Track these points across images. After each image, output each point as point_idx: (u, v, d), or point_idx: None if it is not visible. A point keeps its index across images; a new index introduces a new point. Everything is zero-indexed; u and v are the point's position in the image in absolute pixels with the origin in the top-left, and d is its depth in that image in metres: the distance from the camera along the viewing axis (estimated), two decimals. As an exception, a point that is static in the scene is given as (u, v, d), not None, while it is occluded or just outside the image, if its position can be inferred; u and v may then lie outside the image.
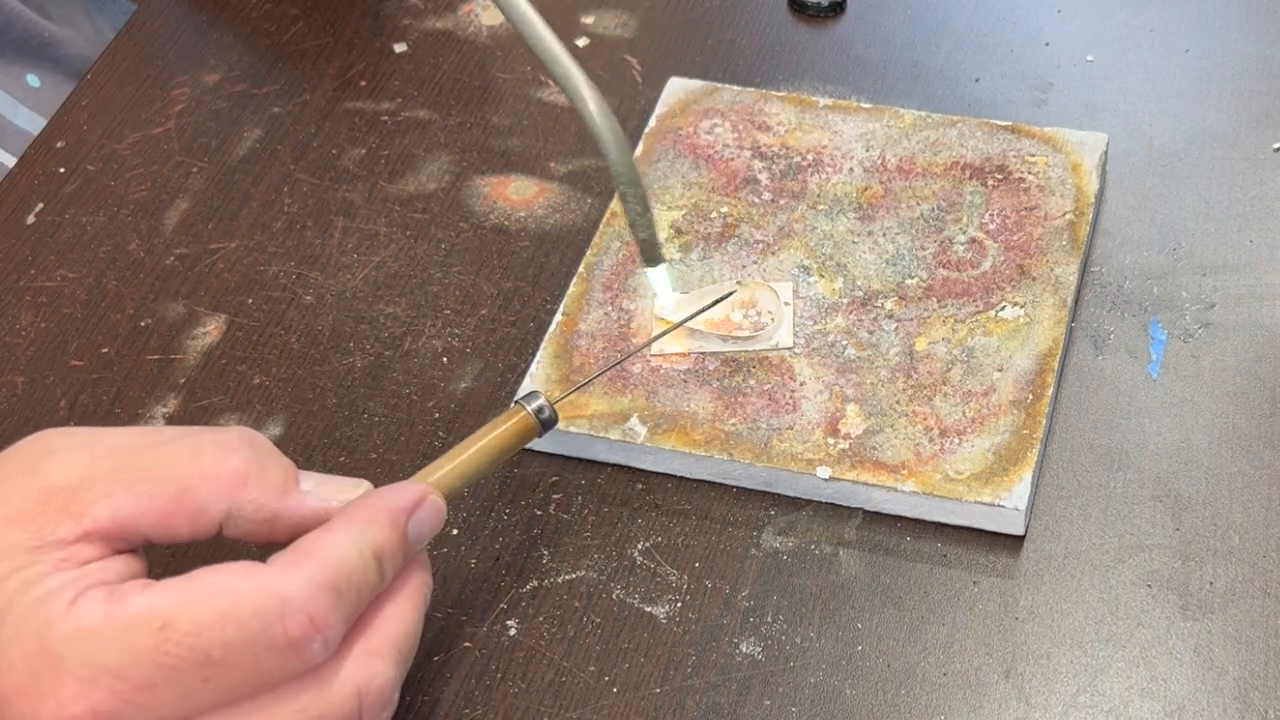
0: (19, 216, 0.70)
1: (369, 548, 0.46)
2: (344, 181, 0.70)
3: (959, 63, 0.73)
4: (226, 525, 0.47)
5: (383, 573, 0.47)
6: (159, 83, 0.76)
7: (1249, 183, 0.67)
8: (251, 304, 0.66)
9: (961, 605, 0.54)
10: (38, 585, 0.44)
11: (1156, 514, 0.56)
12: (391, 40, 0.77)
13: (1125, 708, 0.52)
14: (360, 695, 0.46)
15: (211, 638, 0.43)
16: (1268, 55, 0.72)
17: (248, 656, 0.44)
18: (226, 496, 0.46)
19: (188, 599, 0.44)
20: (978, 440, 0.57)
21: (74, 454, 0.46)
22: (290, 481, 0.48)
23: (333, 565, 0.45)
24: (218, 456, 0.46)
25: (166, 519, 0.46)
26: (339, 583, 0.45)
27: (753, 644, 0.54)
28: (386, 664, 0.47)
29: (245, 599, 0.44)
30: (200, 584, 0.44)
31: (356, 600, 0.46)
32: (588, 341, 0.61)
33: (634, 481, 0.59)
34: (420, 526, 0.49)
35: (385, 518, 0.47)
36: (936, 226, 0.64)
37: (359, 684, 0.46)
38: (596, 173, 0.70)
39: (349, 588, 0.45)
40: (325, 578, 0.45)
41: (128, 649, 0.43)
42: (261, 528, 0.47)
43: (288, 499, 0.47)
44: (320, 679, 0.46)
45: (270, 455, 0.48)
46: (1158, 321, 0.62)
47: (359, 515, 0.47)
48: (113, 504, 0.45)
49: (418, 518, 0.49)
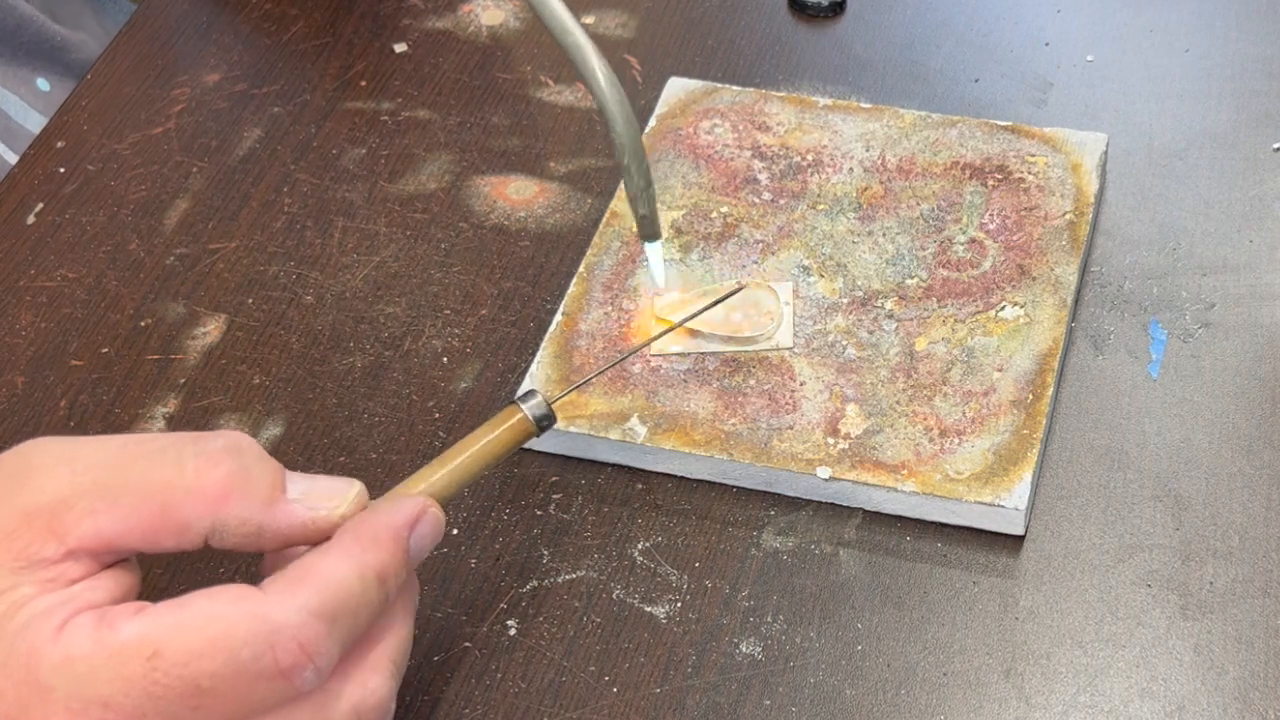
0: (19, 216, 0.70)
1: (371, 570, 0.46)
2: (344, 181, 0.70)
3: (959, 63, 0.73)
4: (212, 538, 0.46)
5: (386, 593, 0.46)
6: (159, 83, 0.76)
7: (1249, 183, 0.67)
8: (251, 304, 0.66)
9: (961, 605, 0.54)
10: (25, 608, 0.43)
11: (1156, 514, 0.56)
12: (391, 40, 0.77)
13: (1125, 708, 0.52)
14: (359, 713, 0.46)
15: (201, 667, 0.43)
16: (1268, 55, 0.72)
17: (238, 685, 0.43)
18: (210, 512, 0.45)
19: (178, 627, 0.43)
20: (978, 440, 0.57)
21: (55, 470, 0.45)
22: (276, 490, 0.46)
23: (329, 591, 0.45)
24: (200, 469, 0.45)
25: (151, 535, 0.45)
26: (334, 609, 0.44)
27: (753, 644, 0.54)
28: (383, 678, 0.47)
29: (236, 627, 0.43)
30: (191, 611, 0.43)
31: (353, 624, 0.45)
32: (588, 341, 0.61)
33: (634, 481, 0.59)
34: (421, 541, 0.48)
35: (388, 537, 0.47)
36: (936, 226, 0.64)
37: (356, 702, 0.46)
38: (596, 173, 0.70)
39: (345, 613, 0.45)
40: (319, 605, 0.44)
41: (116, 678, 0.42)
42: (248, 540, 0.46)
43: (274, 511, 0.46)
44: (317, 700, 0.45)
45: (256, 462, 0.46)
46: (1158, 321, 0.62)
47: (361, 536, 0.46)
48: (96, 522, 0.44)
49: (418, 533, 0.48)
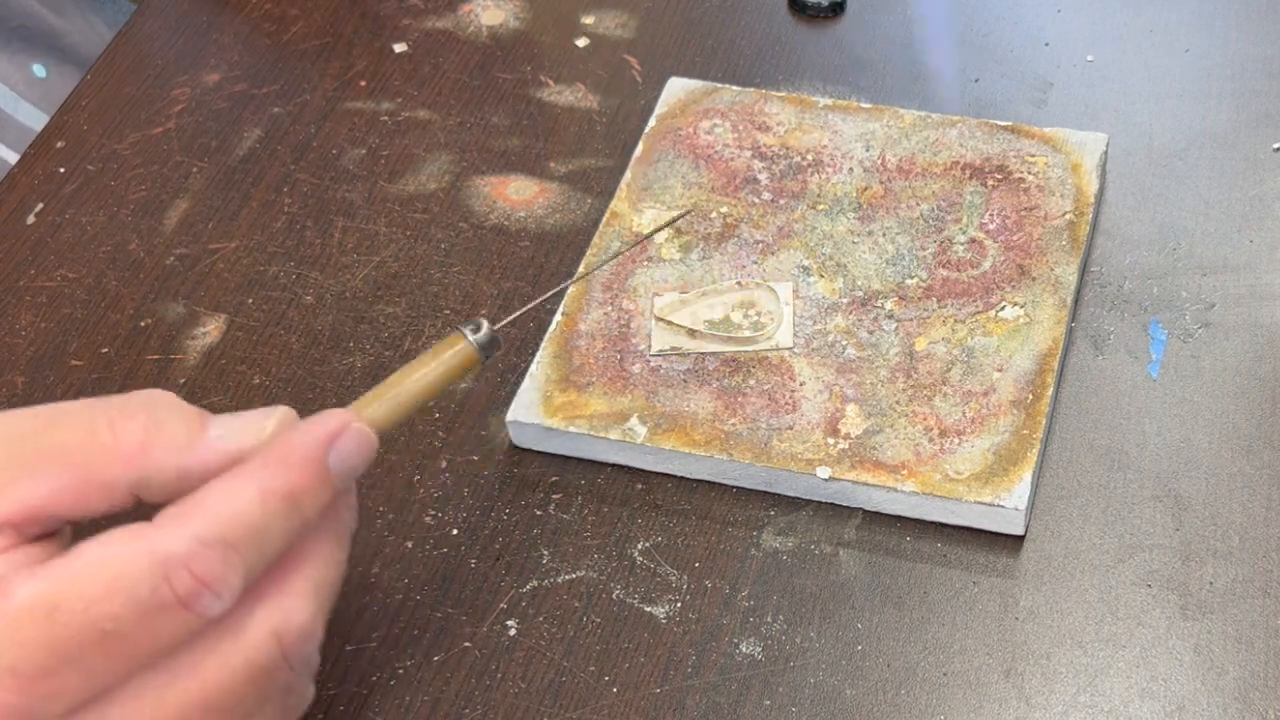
0: (19, 216, 0.70)
1: (275, 492, 0.45)
2: (344, 181, 0.70)
3: (959, 63, 0.73)
4: (142, 493, 0.45)
5: (301, 515, 0.45)
6: (159, 83, 0.76)
7: (1249, 183, 0.67)
8: (251, 304, 0.66)
9: (961, 605, 0.54)
10: None
11: (1156, 514, 0.56)
12: (391, 40, 0.77)
13: (1125, 708, 0.52)
14: (279, 635, 0.45)
15: (101, 611, 0.42)
16: (1268, 55, 0.72)
17: (142, 622, 0.43)
18: (132, 467, 0.45)
19: (72, 578, 0.43)
20: (977, 440, 0.57)
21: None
22: (196, 433, 0.46)
23: (223, 516, 0.44)
24: (115, 426, 0.45)
25: (78, 500, 0.44)
26: (230, 533, 0.43)
27: (753, 644, 0.54)
28: (303, 601, 0.46)
29: (130, 565, 0.43)
30: (84, 559, 0.43)
31: (259, 548, 0.44)
32: (588, 341, 0.61)
33: (634, 481, 0.59)
34: (345, 459, 0.46)
35: (300, 456, 0.45)
36: (936, 226, 0.64)
37: (274, 625, 0.45)
38: (596, 173, 0.70)
39: (246, 537, 0.44)
40: (210, 531, 0.43)
41: (16, 644, 0.42)
42: (178, 486, 0.45)
43: (194, 451, 0.45)
44: (232, 627, 0.44)
45: (171, 410, 0.46)
46: (1158, 321, 0.62)
47: (269, 459, 0.45)
48: (17, 492, 0.44)
49: (340, 449, 0.46)
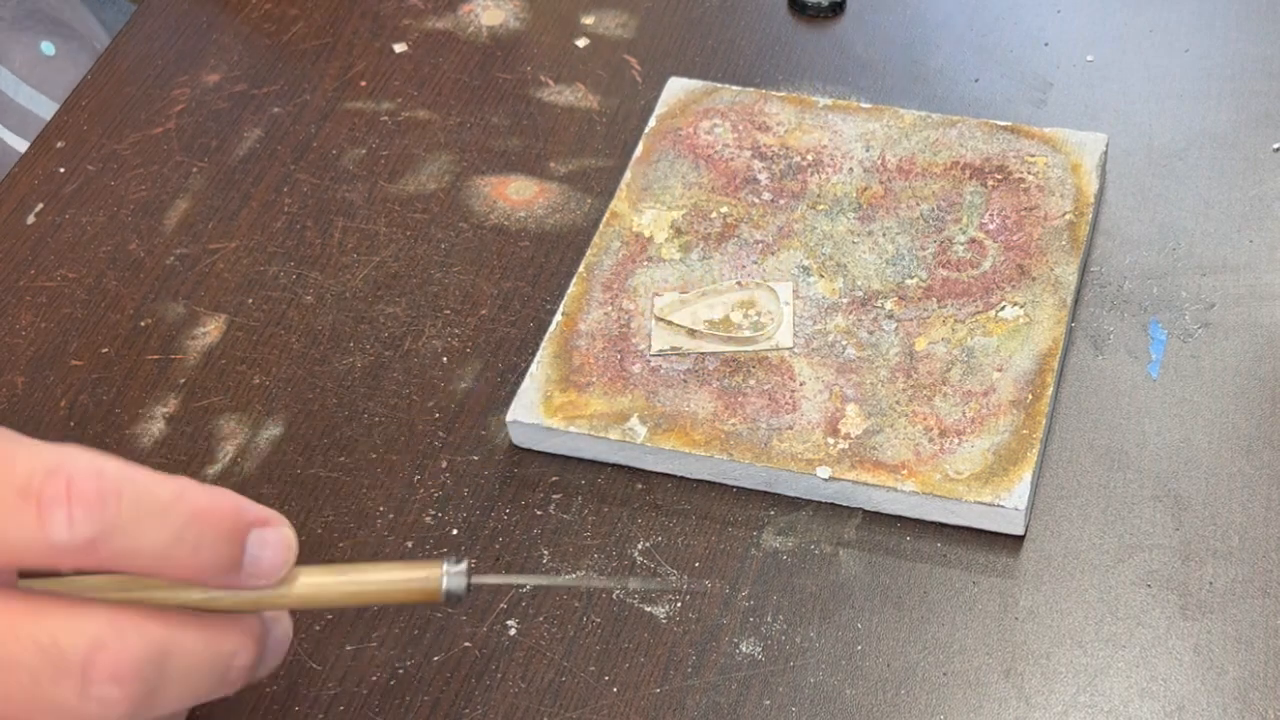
0: (19, 216, 0.70)
1: (184, 505, 0.40)
2: (344, 181, 0.70)
3: (959, 63, 0.73)
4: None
5: (194, 542, 0.40)
6: (159, 83, 0.76)
7: (1249, 183, 0.67)
8: (251, 304, 0.66)
9: (961, 605, 0.54)
10: None
11: (1156, 514, 0.56)
12: (391, 40, 0.77)
13: (1125, 708, 0.52)
14: (95, 646, 0.40)
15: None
16: (1268, 55, 0.72)
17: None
18: None
19: None
20: (977, 440, 0.57)
21: None
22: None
23: (126, 471, 0.40)
24: None
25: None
26: (120, 485, 0.40)
27: (753, 644, 0.54)
28: (141, 638, 0.40)
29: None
30: None
31: (135, 511, 0.40)
32: (588, 341, 0.61)
33: (634, 481, 0.59)
34: (264, 544, 0.42)
35: (223, 498, 0.41)
36: (936, 226, 0.64)
37: (93, 634, 0.40)
38: (596, 173, 0.70)
39: (132, 496, 0.40)
40: (107, 473, 0.39)
41: None
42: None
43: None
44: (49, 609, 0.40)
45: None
46: (1157, 321, 0.62)
47: (196, 489, 0.40)
48: None
49: (263, 532, 0.42)
